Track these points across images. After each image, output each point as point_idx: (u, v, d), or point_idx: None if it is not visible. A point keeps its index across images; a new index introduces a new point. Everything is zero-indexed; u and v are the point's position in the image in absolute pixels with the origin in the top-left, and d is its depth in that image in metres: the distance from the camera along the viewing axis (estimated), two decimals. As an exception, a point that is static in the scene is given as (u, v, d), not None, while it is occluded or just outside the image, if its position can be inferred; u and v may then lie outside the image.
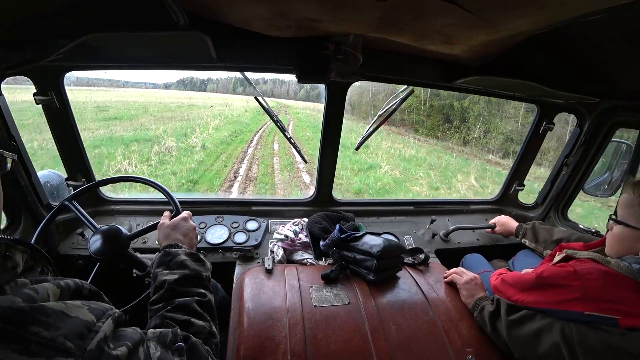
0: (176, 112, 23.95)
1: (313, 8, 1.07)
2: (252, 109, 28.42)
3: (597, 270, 1.13)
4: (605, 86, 1.63)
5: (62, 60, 1.25)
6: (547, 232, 1.84)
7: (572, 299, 1.12)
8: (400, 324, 1.32)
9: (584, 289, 1.11)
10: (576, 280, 1.13)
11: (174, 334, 0.73)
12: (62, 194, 1.88)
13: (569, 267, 1.19)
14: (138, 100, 27.20)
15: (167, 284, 0.92)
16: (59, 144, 1.75)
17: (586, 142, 2.01)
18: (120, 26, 1.05)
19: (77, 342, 0.50)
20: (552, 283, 1.20)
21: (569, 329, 1.10)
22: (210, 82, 55.89)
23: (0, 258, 0.56)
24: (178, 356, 0.70)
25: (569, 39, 1.25)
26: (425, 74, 1.74)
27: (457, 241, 2.19)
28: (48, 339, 0.48)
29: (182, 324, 0.82)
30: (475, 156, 17.12)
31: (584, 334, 1.07)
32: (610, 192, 2.03)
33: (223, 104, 33.67)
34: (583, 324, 1.09)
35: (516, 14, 0.99)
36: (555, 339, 1.11)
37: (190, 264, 0.99)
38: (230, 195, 8.66)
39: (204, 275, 1.00)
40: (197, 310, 0.88)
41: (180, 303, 0.87)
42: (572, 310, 1.11)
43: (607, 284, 1.10)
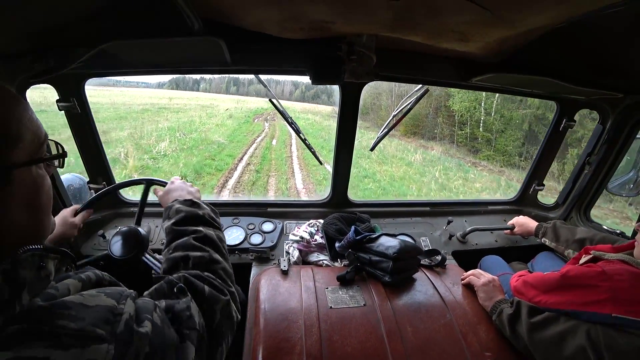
0: (129, 119, 17.04)
1: (325, 10, 1.07)
2: (239, 115, 24.54)
3: (628, 271, 1.09)
4: (629, 81, 1.57)
5: (82, 67, 1.28)
6: (569, 231, 1.77)
7: (600, 300, 1.07)
8: (416, 327, 1.31)
9: (613, 290, 1.06)
10: (605, 281, 1.09)
11: (167, 282, 0.78)
12: (84, 196, 1.94)
13: (597, 267, 1.15)
14: (102, 101, 21.19)
15: (167, 229, 1.00)
16: (81, 148, 1.81)
17: (609, 140, 1.94)
18: (137, 34, 1.08)
19: (106, 328, 0.52)
20: (579, 283, 1.15)
21: (595, 332, 1.05)
22: (203, 81, 55.39)
23: (35, 269, 0.56)
24: (183, 296, 0.75)
25: (589, 33, 1.21)
26: (440, 72, 1.71)
27: (475, 242, 2.15)
28: (77, 330, 0.49)
29: (180, 260, 0.88)
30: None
31: (612, 337, 1.03)
32: (635, 192, 1.95)
33: (208, 105, 29.05)
34: (611, 327, 1.04)
35: (534, 9, 0.97)
36: (580, 342, 1.06)
37: (185, 208, 1.05)
38: (246, 197, 8.73)
39: (200, 213, 1.05)
40: (194, 244, 0.93)
41: (178, 243, 0.94)
42: (599, 312, 1.07)
43: (637, 286, 1.05)
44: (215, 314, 0.80)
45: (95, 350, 0.49)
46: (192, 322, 0.71)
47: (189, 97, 38.54)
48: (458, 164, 15.00)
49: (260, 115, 26.85)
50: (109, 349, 0.50)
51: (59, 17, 1.00)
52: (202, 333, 0.73)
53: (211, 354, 0.75)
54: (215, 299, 0.82)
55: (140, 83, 43.48)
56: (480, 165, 15.28)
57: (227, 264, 0.96)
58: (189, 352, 0.66)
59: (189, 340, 0.67)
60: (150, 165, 10.33)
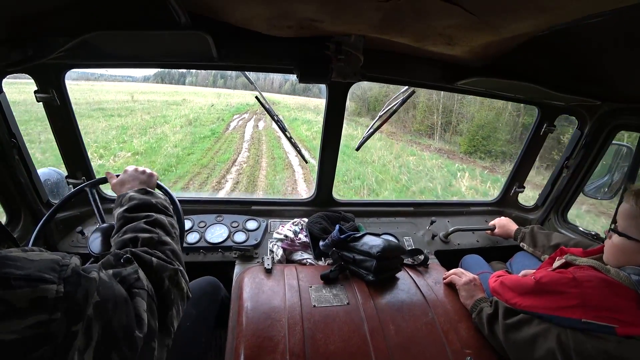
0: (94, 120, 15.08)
1: (314, 8, 1.07)
2: (207, 118, 19.62)
3: (597, 278, 1.13)
4: (606, 89, 1.63)
5: (63, 58, 1.25)
6: (545, 237, 1.85)
7: (570, 306, 1.12)
8: (399, 325, 1.32)
9: (583, 296, 1.11)
10: (575, 288, 1.13)
11: (113, 254, 0.79)
12: (62, 191, 1.88)
13: (569, 273, 1.19)
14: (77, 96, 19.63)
15: (118, 215, 1.02)
16: (59, 141, 1.75)
17: (587, 145, 2.01)
18: (121, 25, 1.05)
19: (53, 274, 0.54)
20: (551, 289, 1.20)
21: (565, 336, 1.10)
22: (190, 74, 54.07)
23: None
24: (129, 265, 0.76)
25: (570, 41, 1.25)
26: (426, 74, 1.74)
27: (457, 242, 2.19)
28: (24, 275, 0.50)
29: (129, 241, 0.90)
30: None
31: (580, 341, 1.07)
32: (610, 195, 2.03)
33: (175, 102, 25.16)
34: (580, 332, 1.09)
35: (517, 16, 0.99)
36: (550, 345, 1.11)
37: (137, 196, 1.07)
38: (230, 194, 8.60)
39: (153, 202, 1.06)
40: (144, 227, 0.95)
41: (129, 227, 0.95)
42: (570, 317, 1.11)
43: (606, 293, 1.10)
44: (164, 281, 0.82)
45: (45, 290, 0.51)
46: (140, 283, 0.73)
47: (165, 91, 34.85)
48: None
49: (241, 114, 22.68)
50: (58, 289, 0.52)
51: (40, 5, 0.96)
52: (151, 295, 0.75)
53: (162, 317, 0.77)
54: (162, 267, 0.83)
55: (126, 77, 41.25)
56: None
57: (176, 247, 0.97)
58: (140, 306, 0.68)
59: (139, 297, 0.70)
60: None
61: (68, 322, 0.52)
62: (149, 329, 0.69)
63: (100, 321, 0.58)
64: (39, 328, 0.49)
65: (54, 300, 0.51)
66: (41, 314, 0.49)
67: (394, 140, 17.73)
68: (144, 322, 0.68)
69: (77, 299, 0.54)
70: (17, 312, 0.47)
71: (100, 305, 0.58)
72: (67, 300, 0.53)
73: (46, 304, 0.50)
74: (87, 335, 0.55)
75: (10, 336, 0.46)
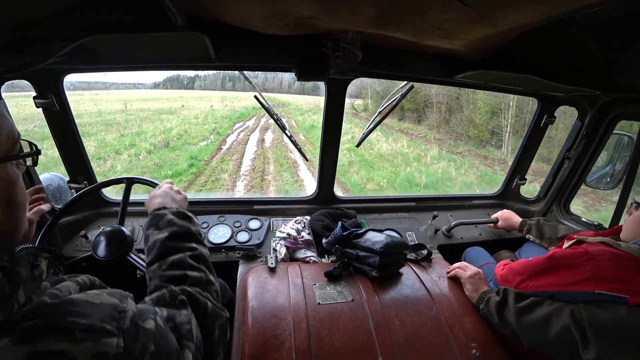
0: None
1: (310, 6, 1.07)
2: (219, 116, 19.00)
3: (609, 251, 1.16)
4: (606, 79, 1.62)
5: (61, 63, 1.24)
6: (551, 229, 1.85)
7: (584, 279, 1.14)
8: (404, 320, 1.33)
9: (596, 268, 1.13)
10: (588, 261, 1.16)
11: (170, 291, 0.77)
12: (64, 196, 1.89)
13: (581, 248, 1.22)
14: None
15: (158, 242, 0.94)
16: (60, 146, 1.75)
17: (587, 135, 2.01)
18: (118, 28, 1.05)
19: (113, 324, 0.54)
20: (564, 264, 1.22)
21: (578, 311, 1.11)
22: (198, 78, 53.59)
23: (29, 268, 0.57)
24: (184, 308, 0.75)
25: (569, 32, 1.24)
26: (425, 69, 1.73)
27: (460, 236, 2.19)
28: (88, 325, 0.51)
29: (178, 278, 0.86)
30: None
31: (593, 313, 1.09)
32: (612, 185, 2.02)
33: (169, 110, 21.44)
34: (592, 304, 1.11)
35: (515, 8, 0.99)
36: (565, 322, 1.12)
37: (178, 221, 1.01)
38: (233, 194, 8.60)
39: (193, 230, 1.02)
40: (191, 263, 0.91)
41: (174, 260, 0.90)
42: (583, 290, 1.13)
43: (617, 265, 1.12)
44: (215, 330, 0.80)
45: (107, 344, 0.51)
46: (191, 335, 0.71)
47: (169, 97, 30.80)
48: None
49: (245, 120, 19.56)
50: (118, 342, 0.53)
51: (37, 10, 0.96)
52: (200, 347, 0.73)
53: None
54: (216, 315, 0.82)
55: (137, 84, 40.35)
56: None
57: (218, 287, 0.94)
58: (187, 358, 0.67)
59: (187, 349, 0.68)
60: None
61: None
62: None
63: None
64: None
65: (114, 356, 0.51)
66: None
67: (442, 149, 14.05)
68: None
69: (135, 354, 0.55)
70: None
71: (155, 356, 0.58)
72: (126, 356, 0.53)
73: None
74: None
75: None
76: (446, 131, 15.98)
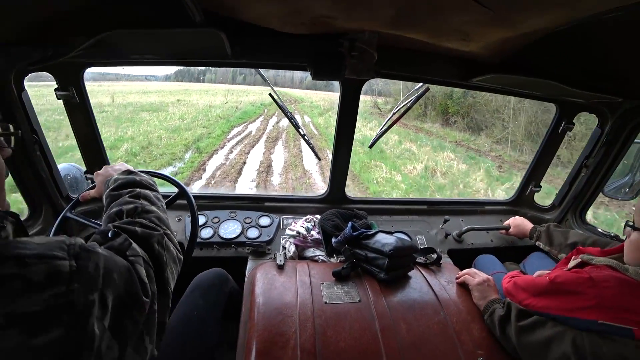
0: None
1: (327, 5, 1.07)
2: (216, 115, 15.68)
3: (614, 278, 1.09)
4: (628, 86, 1.57)
5: (81, 56, 1.28)
6: (562, 235, 1.80)
7: (586, 307, 1.08)
8: (410, 324, 1.31)
9: (600, 297, 1.07)
10: (591, 288, 1.09)
11: (99, 232, 0.80)
12: (80, 186, 1.93)
13: (585, 273, 1.15)
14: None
15: (105, 196, 1.04)
16: (78, 138, 1.80)
17: (607, 143, 1.95)
18: (137, 23, 1.07)
19: (62, 252, 0.57)
20: (566, 289, 1.16)
21: (580, 339, 1.06)
22: (209, 72, 53.81)
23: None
24: (117, 237, 0.78)
25: (590, 36, 1.21)
26: (441, 71, 1.71)
27: (471, 242, 2.16)
28: (36, 254, 0.54)
29: (116, 214, 0.92)
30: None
31: (596, 344, 1.03)
32: (631, 196, 1.96)
33: (152, 105, 18.12)
34: (596, 334, 1.05)
35: (535, 10, 0.97)
36: (566, 349, 1.07)
37: (121, 176, 1.09)
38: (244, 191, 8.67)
39: (137, 179, 1.09)
40: (127, 199, 0.97)
41: (114, 203, 0.97)
42: (586, 319, 1.07)
43: (623, 293, 1.06)
44: (153, 247, 0.84)
45: (59, 265, 0.54)
46: (134, 250, 0.76)
47: (172, 90, 28.07)
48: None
49: (247, 122, 16.04)
50: (70, 264, 0.56)
51: (60, 5, 0.99)
52: (147, 261, 0.78)
53: (159, 280, 0.80)
54: (148, 235, 0.85)
55: (149, 76, 41.05)
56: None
57: (162, 214, 0.99)
58: (141, 272, 0.72)
59: (137, 264, 0.73)
60: None
61: (85, 292, 0.56)
62: (151, 293, 0.73)
63: (111, 290, 0.62)
64: (59, 298, 0.53)
65: (69, 273, 0.55)
66: (59, 286, 0.53)
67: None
68: (147, 287, 0.72)
69: (90, 271, 0.59)
70: (35, 285, 0.51)
71: (108, 276, 0.62)
72: (81, 273, 0.57)
73: (62, 277, 0.54)
74: (102, 304, 0.59)
75: (32, 308, 0.50)
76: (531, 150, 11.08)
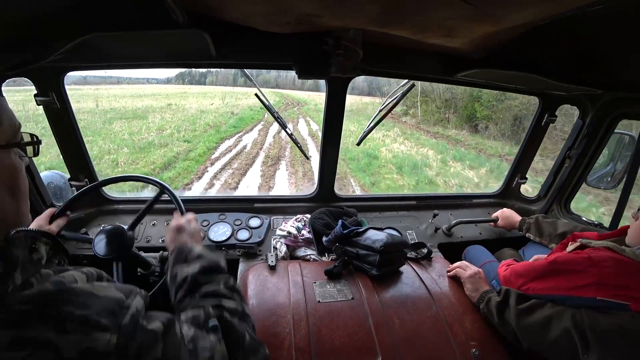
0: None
1: (312, 4, 1.06)
2: (205, 123, 14.47)
3: (612, 258, 1.15)
4: (607, 78, 1.62)
5: (61, 60, 1.24)
6: (550, 226, 1.84)
7: (586, 285, 1.13)
8: (403, 319, 1.33)
9: (599, 275, 1.12)
10: (591, 267, 1.15)
11: (206, 313, 0.72)
12: (65, 194, 1.89)
13: (584, 254, 1.20)
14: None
15: (189, 277, 0.88)
16: (61, 144, 1.75)
17: (589, 134, 2.00)
18: (119, 25, 1.05)
19: (110, 319, 0.52)
20: (567, 269, 1.21)
21: (579, 315, 1.11)
22: (210, 74, 53.15)
23: (27, 250, 0.57)
24: (214, 334, 0.68)
25: (571, 30, 1.24)
26: (426, 67, 1.73)
27: (460, 235, 2.19)
28: (81, 317, 0.50)
29: (213, 308, 0.78)
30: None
31: (595, 318, 1.08)
32: (613, 184, 2.02)
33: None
34: (593, 310, 1.10)
35: (518, 5, 0.99)
36: (565, 325, 1.12)
37: (207, 254, 0.97)
38: (233, 193, 8.62)
39: (222, 263, 0.97)
40: (225, 292, 0.85)
41: (208, 290, 0.84)
42: (584, 296, 1.13)
43: (621, 272, 1.11)
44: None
45: (97, 339, 0.50)
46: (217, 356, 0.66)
47: (169, 92, 26.58)
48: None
49: (241, 133, 13.95)
50: (110, 339, 0.51)
51: (38, 8, 0.96)
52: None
53: None
54: (254, 350, 0.75)
55: (150, 79, 39.90)
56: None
57: (254, 322, 0.87)
58: None
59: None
60: None
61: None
62: None
63: None
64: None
65: (102, 354, 0.49)
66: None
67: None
68: None
69: (129, 353, 0.51)
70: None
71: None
72: (118, 354, 0.50)
73: (95, 358, 0.49)
74: None
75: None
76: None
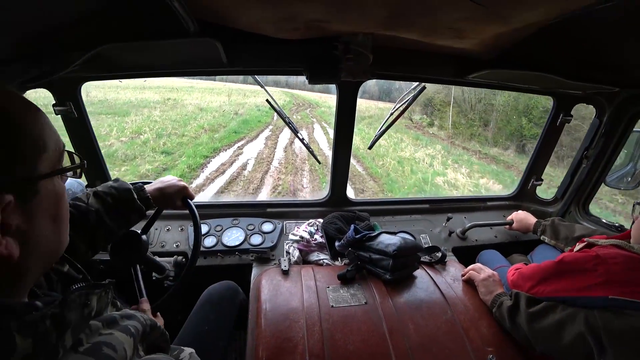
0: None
1: (319, 9, 1.07)
2: (198, 125, 12.60)
3: (621, 255, 1.11)
4: (624, 75, 1.57)
5: (78, 71, 1.28)
6: (567, 229, 1.79)
7: (595, 284, 1.09)
8: (418, 324, 1.31)
9: (608, 273, 1.08)
10: (600, 265, 1.11)
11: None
12: (82, 201, 1.93)
13: (592, 252, 1.17)
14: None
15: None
16: (78, 152, 1.79)
17: (606, 134, 1.95)
18: (132, 36, 1.07)
19: None
20: (574, 268, 1.17)
21: (593, 317, 1.07)
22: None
23: (80, 308, 0.54)
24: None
25: (584, 28, 1.21)
26: (436, 69, 1.72)
27: (475, 238, 2.15)
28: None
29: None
30: None
31: (608, 320, 1.04)
32: (634, 185, 1.96)
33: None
34: (607, 310, 1.06)
35: (528, 5, 0.97)
36: (579, 329, 1.07)
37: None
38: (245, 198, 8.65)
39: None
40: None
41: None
42: (596, 296, 1.08)
43: (631, 268, 1.08)
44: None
45: None
46: None
47: (177, 86, 24.60)
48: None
49: (242, 140, 11.93)
50: None
51: (53, 21, 0.99)
52: None
53: None
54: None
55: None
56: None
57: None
58: None
59: None
60: None
61: None
62: None
63: None
64: None
65: None
66: None
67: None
68: None
69: None
70: None
71: None
72: None
73: None
74: None
75: None
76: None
